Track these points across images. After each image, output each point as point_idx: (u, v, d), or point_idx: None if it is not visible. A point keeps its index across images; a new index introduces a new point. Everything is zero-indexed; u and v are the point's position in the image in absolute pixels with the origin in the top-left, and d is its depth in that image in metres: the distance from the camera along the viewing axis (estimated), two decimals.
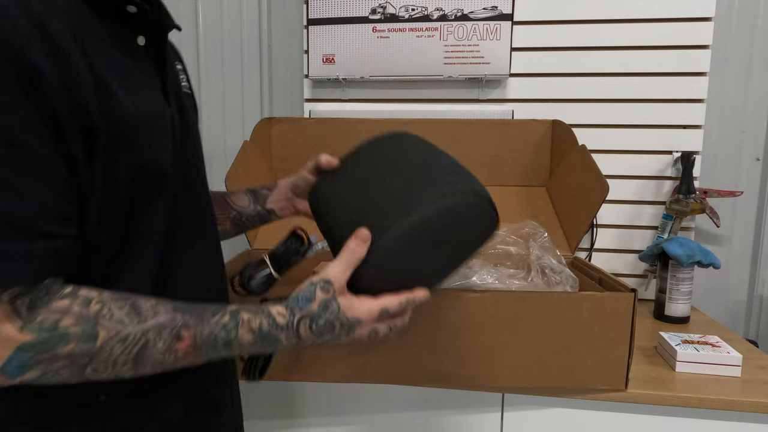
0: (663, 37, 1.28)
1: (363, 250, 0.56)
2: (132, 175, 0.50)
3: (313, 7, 1.35)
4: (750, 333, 1.40)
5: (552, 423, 0.90)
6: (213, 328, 0.51)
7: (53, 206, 0.45)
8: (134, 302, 0.48)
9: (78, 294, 0.47)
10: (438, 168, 0.61)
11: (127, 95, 0.50)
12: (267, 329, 0.53)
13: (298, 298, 0.56)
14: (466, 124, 1.32)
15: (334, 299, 0.56)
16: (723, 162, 1.37)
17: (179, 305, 0.51)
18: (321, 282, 0.56)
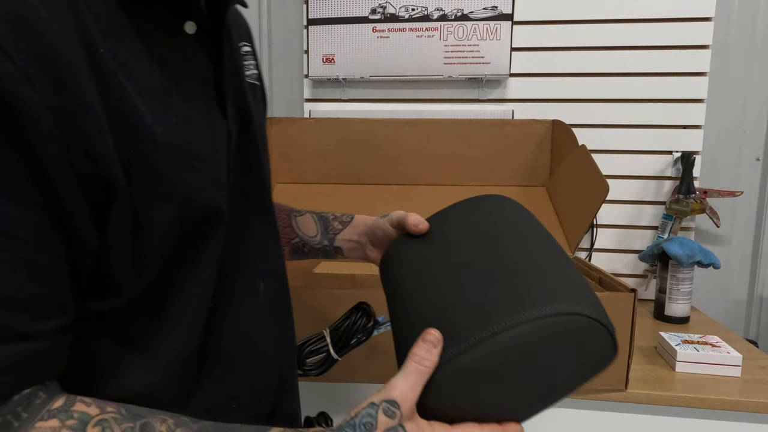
0: (663, 37, 1.28)
1: (434, 357, 0.41)
2: (168, 221, 0.39)
3: (313, 7, 1.35)
4: (750, 333, 1.40)
5: (552, 423, 0.90)
6: None
7: (30, 296, 0.34)
8: (145, 425, 0.37)
9: (71, 410, 0.35)
10: (542, 264, 0.46)
11: (159, 117, 0.39)
12: None
13: (355, 424, 0.41)
14: (466, 124, 1.32)
15: (401, 428, 0.40)
16: (723, 162, 1.37)
17: (204, 430, 0.39)
18: (384, 403, 0.41)
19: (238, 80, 0.50)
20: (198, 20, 0.43)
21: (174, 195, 0.39)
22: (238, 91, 0.49)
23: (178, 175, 0.40)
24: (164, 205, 0.39)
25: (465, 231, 0.52)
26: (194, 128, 0.42)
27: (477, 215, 0.54)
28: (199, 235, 0.42)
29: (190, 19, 0.42)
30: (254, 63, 0.56)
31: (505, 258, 0.46)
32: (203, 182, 0.42)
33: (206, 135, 0.43)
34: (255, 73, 0.56)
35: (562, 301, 0.41)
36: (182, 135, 0.40)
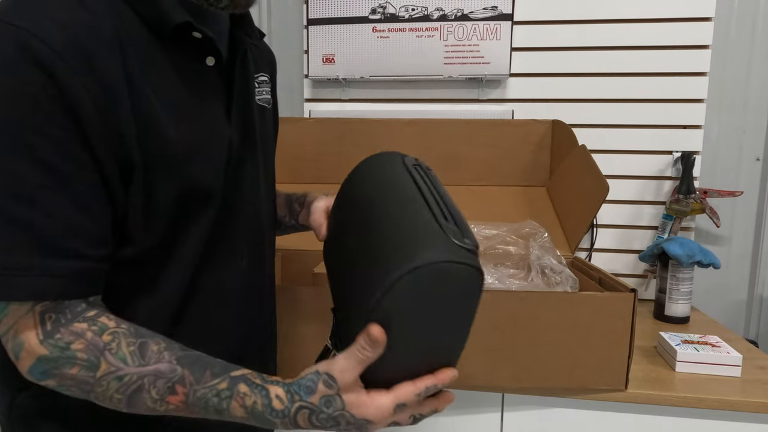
0: (663, 37, 1.28)
1: (374, 352, 0.47)
2: (170, 199, 0.52)
3: (313, 7, 1.35)
4: (750, 333, 1.40)
5: (552, 423, 0.90)
6: (207, 391, 0.49)
7: (83, 227, 0.48)
8: (144, 343, 0.49)
9: (97, 320, 0.49)
10: (399, 225, 0.51)
11: (175, 123, 0.52)
12: (260, 411, 0.49)
13: (300, 384, 0.50)
14: (466, 124, 1.32)
15: (338, 396, 0.49)
16: (723, 162, 1.36)
17: (187, 357, 0.50)
18: (325, 376, 0.50)
19: (246, 101, 0.63)
20: (216, 56, 0.57)
21: (178, 179, 0.53)
22: (246, 109, 0.63)
23: (183, 165, 0.53)
24: (170, 185, 0.52)
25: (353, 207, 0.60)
26: (201, 133, 0.55)
27: (358, 190, 0.60)
28: (195, 209, 0.55)
29: (211, 54, 0.56)
30: (268, 90, 0.70)
31: (374, 228, 0.52)
32: (202, 172, 0.55)
33: (210, 139, 0.56)
34: (267, 98, 0.69)
35: (420, 254, 0.46)
36: (190, 137, 0.54)
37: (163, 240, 0.54)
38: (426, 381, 0.50)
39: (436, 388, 0.51)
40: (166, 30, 0.52)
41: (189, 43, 0.54)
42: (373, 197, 0.56)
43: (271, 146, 0.72)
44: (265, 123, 0.68)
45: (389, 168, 0.60)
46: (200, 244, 0.56)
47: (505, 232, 1.08)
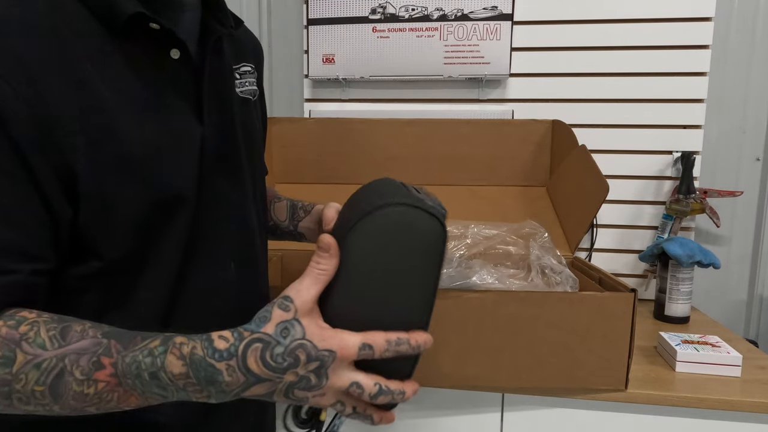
0: (663, 37, 1.28)
1: (327, 260, 0.45)
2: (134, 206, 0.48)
3: (313, 7, 1.35)
4: (750, 333, 1.40)
5: (552, 423, 0.90)
6: (138, 353, 0.42)
7: (8, 240, 0.43)
8: (66, 326, 0.43)
9: (15, 315, 0.43)
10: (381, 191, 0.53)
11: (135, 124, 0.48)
12: (200, 356, 0.41)
13: (254, 319, 0.44)
14: (466, 124, 1.32)
15: (296, 321, 0.43)
16: (723, 162, 1.37)
17: (114, 330, 0.44)
18: (279, 299, 0.44)
19: (223, 95, 0.59)
20: (181, 48, 0.52)
21: (140, 184, 0.48)
22: (222, 103, 0.58)
23: (145, 169, 0.49)
24: (131, 192, 0.48)
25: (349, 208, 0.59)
26: (166, 133, 0.51)
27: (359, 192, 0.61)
28: (166, 215, 0.51)
29: (175, 47, 0.52)
30: (253, 81, 0.66)
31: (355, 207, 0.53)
32: (168, 175, 0.51)
33: (177, 138, 0.52)
34: (252, 90, 0.65)
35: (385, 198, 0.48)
36: (153, 138, 0.50)
37: (132, 250, 0.49)
38: (399, 333, 0.45)
39: (408, 344, 0.45)
40: (118, 23, 0.48)
41: (148, 35, 0.50)
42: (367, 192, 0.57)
43: (258, 141, 0.67)
44: (250, 116, 0.64)
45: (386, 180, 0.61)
46: (176, 251, 0.52)
47: (505, 232, 1.08)
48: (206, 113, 0.55)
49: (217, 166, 0.57)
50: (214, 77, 0.57)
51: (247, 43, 0.69)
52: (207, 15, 0.58)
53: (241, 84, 0.63)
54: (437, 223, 0.48)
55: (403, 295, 0.48)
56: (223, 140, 0.58)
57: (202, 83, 0.55)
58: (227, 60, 0.61)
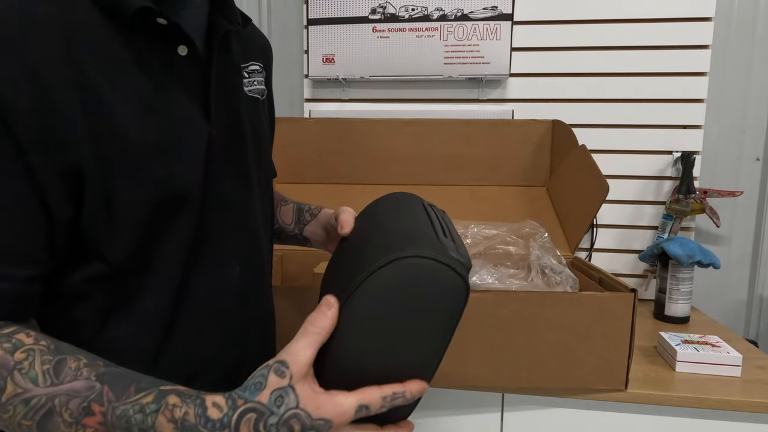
0: (663, 37, 1.28)
1: (327, 320, 0.43)
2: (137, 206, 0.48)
3: (313, 7, 1.35)
4: (750, 333, 1.40)
5: (552, 423, 0.90)
6: (129, 408, 0.41)
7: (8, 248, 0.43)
8: (61, 360, 0.42)
9: (12, 337, 0.42)
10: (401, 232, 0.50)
11: (139, 121, 0.48)
12: (192, 424, 0.40)
13: (246, 385, 0.42)
14: (466, 124, 1.32)
15: (291, 389, 0.41)
16: (723, 162, 1.37)
17: (110, 373, 0.43)
18: (276, 364, 0.42)
19: (230, 93, 0.58)
20: (188, 44, 0.52)
21: (144, 183, 0.48)
22: (230, 102, 0.57)
23: (149, 167, 0.48)
24: (135, 191, 0.47)
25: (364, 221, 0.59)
26: (171, 130, 0.50)
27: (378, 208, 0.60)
28: (170, 215, 0.50)
29: (182, 43, 0.51)
30: (261, 80, 0.65)
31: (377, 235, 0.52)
32: (172, 174, 0.50)
33: (182, 136, 0.51)
34: (260, 89, 0.64)
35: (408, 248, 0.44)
36: (157, 136, 0.49)
37: (136, 250, 0.49)
38: (394, 386, 0.44)
39: (403, 397, 0.44)
40: (125, 17, 0.47)
41: (155, 31, 0.49)
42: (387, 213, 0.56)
43: (266, 142, 0.67)
44: (257, 116, 0.63)
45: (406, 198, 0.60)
46: (181, 252, 0.52)
47: (505, 232, 1.08)
48: (213, 111, 0.54)
49: (224, 166, 0.56)
50: (221, 75, 0.56)
51: (256, 42, 0.68)
52: (214, 11, 0.57)
53: (249, 83, 0.62)
54: (461, 280, 0.44)
55: (415, 353, 0.45)
56: (231, 140, 0.57)
57: (210, 81, 0.54)
58: (235, 58, 0.60)
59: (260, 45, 0.70)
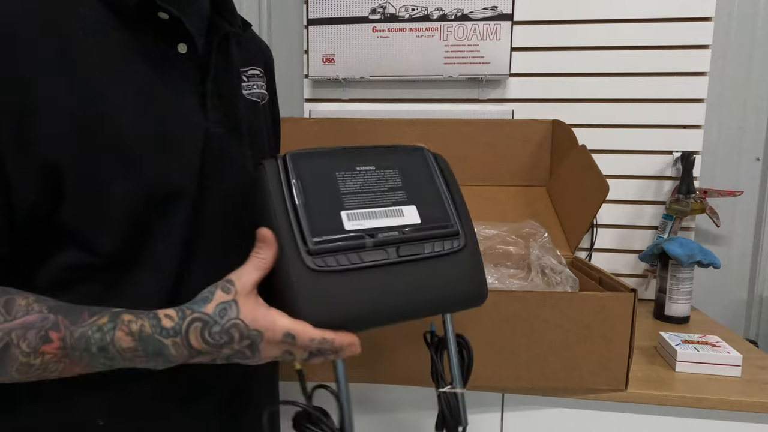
0: (663, 37, 1.28)
1: (267, 252, 0.48)
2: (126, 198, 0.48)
3: (313, 7, 1.35)
4: (750, 333, 1.40)
5: (552, 423, 0.90)
6: (87, 329, 0.44)
7: None
8: (9, 299, 0.44)
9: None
10: None
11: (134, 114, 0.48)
12: (149, 333, 0.45)
13: (195, 300, 0.47)
14: (466, 124, 1.32)
15: (234, 303, 0.46)
16: (723, 162, 1.37)
17: (59, 305, 0.46)
18: (223, 282, 0.48)
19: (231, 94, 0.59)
20: (189, 43, 0.52)
21: (134, 176, 0.48)
22: (228, 102, 0.58)
23: (142, 160, 0.48)
24: (124, 183, 0.48)
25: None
26: (165, 125, 0.50)
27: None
28: (162, 211, 0.50)
29: (183, 41, 0.52)
30: (261, 84, 0.66)
31: None
32: (164, 168, 0.50)
33: (178, 131, 0.51)
34: (259, 93, 0.65)
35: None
36: (152, 129, 0.49)
37: (128, 243, 0.49)
38: (326, 333, 0.47)
39: (331, 345, 0.47)
40: (127, 9, 0.48)
41: (157, 25, 0.50)
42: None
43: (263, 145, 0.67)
44: (256, 119, 0.64)
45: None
46: (175, 250, 0.52)
47: (505, 232, 1.08)
48: (210, 109, 0.55)
49: (221, 165, 0.56)
50: (220, 74, 0.56)
51: (255, 48, 0.69)
52: (214, 13, 0.58)
53: (248, 86, 0.63)
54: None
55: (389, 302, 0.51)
56: (228, 139, 0.57)
57: (207, 79, 0.55)
58: (234, 60, 0.61)
59: (260, 51, 0.71)
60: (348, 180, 0.53)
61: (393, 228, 0.52)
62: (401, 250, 0.51)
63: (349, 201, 0.52)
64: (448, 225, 0.54)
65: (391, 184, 0.54)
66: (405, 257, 0.51)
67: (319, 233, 0.49)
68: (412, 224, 0.53)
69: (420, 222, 0.53)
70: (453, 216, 0.55)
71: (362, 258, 0.49)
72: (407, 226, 0.52)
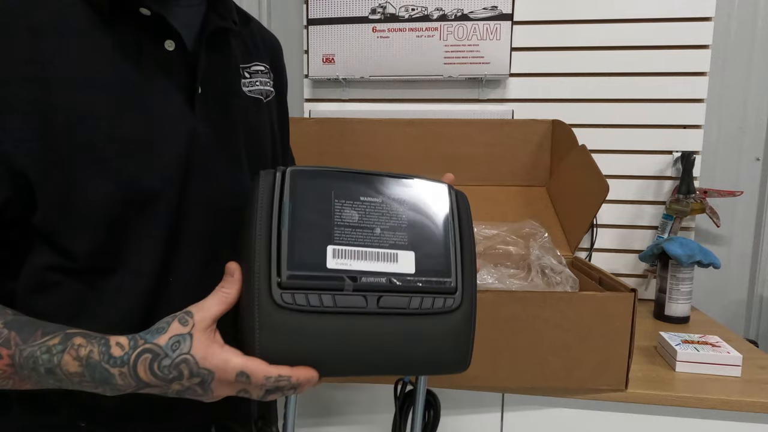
0: (663, 37, 1.28)
1: (232, 287, 0.46)
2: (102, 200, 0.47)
3: (313, 7, 1.35)
4: (750, 333, 1.40)
5: (552, 423, 0.90)
6: (36, 349, 0.43)
7: None
8: None
9: None
10: None
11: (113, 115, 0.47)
12: (96, 360, 0.43)
13: (150, 329, 0.45)
14: (466, 124, 1.32)
15: (189, 336, 0.43)
16: (723, 162, 1.36)
17: (17, 321, 0.45)
18: (182, 314, 0.45)
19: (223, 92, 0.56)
20: (176, 39, 0.50)
21: (111, 178, 0.47)
22: (220, 100, 0.55)
23: (118, 163, 0.47)
24: (101, 186, 0.46)
25: None
26: (147, 126, 0.49)
27: None
28: (141, 214, 0.49)
29: (169, 38, 0.50)
30: (266, 80, 0.63)
31: None
32: (143, 170, 0.48)
33: (159, 132, 0.50)
34: (263, 90, 0.62)
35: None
36: (130, 131, 0.48)
37: (106, 246, 0.48)
38: (282, 369, 0.44)
39: (289, 382, 0.44)
40: (103, 4, 0.46)
41: (139, 22, 0.48)
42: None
43: (264, 144, 0.64)
44: (257, 117, 0.61)
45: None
46: (158, 251, 0.51)
47: (505, 232, 1.08)
48: (198, 109, 0.52)
49: (211, 166, 0.54)
50: (212, 72, 0.54)
51: (262, 43, 0.66)
52: (209, 8, 0.56)
53: (250, 83, 0.60)
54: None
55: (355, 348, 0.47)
56: (220, 139, 0.55)
57: (196, 77, 0.52)
58: (232, 56, 0.58)
59: (267, 46, 0.67)
60: (347, 210, 0.47)
61: (381, 274, 0.46)
62: (383, 301, 0.46)
63: (340, 235, 0.46)
64: (446, 281, 0.48)
65: (394, 223, 0.48)
66: (385, 309, 0.46)
67: (297, 266, 0.44)
68: (403, 273, 0.47)
69: (414, 272, 0.47)
70: (455, 270, 0.49)
71: (336, 302, 0.45)
72: (398, 274, 0.47)
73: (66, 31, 0.46)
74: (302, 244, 0.45)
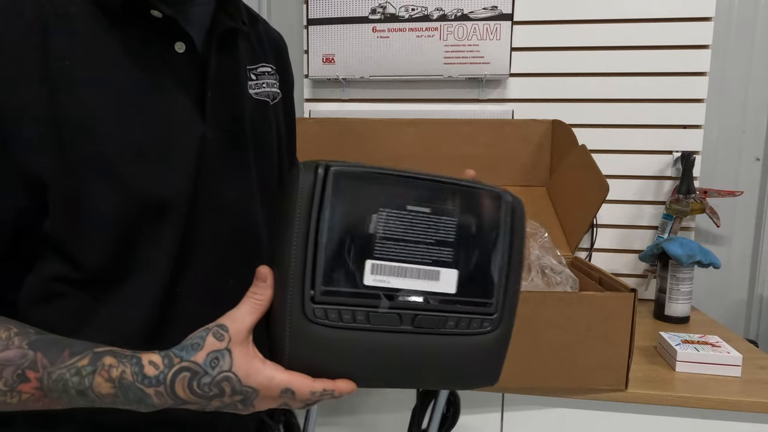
0: (663, 37, 1.28)
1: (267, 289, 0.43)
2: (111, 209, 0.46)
3: (313, 7, 1.35)
4: (750, 333, 1.40)
5: (552, 423, 0.90)
6: (65, 372, 0.41)
7: None
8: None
9: None
10: None
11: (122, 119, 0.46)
12: (130, 381, 0.41)
13: (183, 345, 0.43)
14: (466, 124, 1.32)
15: (227, 352, 0.41)
16: (723, 162, 1.37)
17: (42, 340, 0.43)
18: (215, 327, 0.43)
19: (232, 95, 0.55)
20: (186, 41, 0.49)
21: (121, 185, 0.46)
22: (230, 103, 0.54)
23: (128, 169, 0.46)
24: (110, 193, 0.45)
25: None
26: (157, 131, 0.48)
27: None
28: (153, 220, 0.48)
29: (180, 40, 0.49)
30: (273, 82, 0.62)
31: None
32: (154, 176, 0.47)
33: (170, 137, 0.49)
34: (270, 92, 0.61)
35: None
36: (140, 136, 0.47)
37: (115, 256, 0.47)
38: (325, 383, 0.43)
39: (332, 395, 0.43)
40: (114, 7, 0.45)
41: (150, 25, 0.47)
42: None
43: (270, 148, 0.63)
44: (265, 120, 0.60)
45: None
46: (167, 260, 0.49)
47: None
48: (209, 113, 0.51)
49: (221, 171, 0.53)
50: (222, 74, 0.53)
51: (268, 43, 0.65)
52: (218, 8, 0.54)
53: (256, 85, 0.59)
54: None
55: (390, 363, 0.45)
56: (231, 143, 0.54)
57: (207, 80, 0.51)
58: (240, 58, 0.57)
59: (273, 46, 0.66)
60: (392, 221, 0.44)
61: (419, 293, 0.44)
62: (418, 321, 0.44)
63: (381, 249, 0.43)
64: (487, 302, 0.46)
65: (441, 237, 0.45)
66: (420, 329, 0.44)
67: (331, 282, 0.42)
68: (443, 293, 0.45)
69: (455, 293, 0.45)
70: (498, 292, 0.47)
71: (370, 319, 0.43)
72: (437, 294, 0.45)
73: (75, 33, 0.45)
74: (340, 257, 0.43)
